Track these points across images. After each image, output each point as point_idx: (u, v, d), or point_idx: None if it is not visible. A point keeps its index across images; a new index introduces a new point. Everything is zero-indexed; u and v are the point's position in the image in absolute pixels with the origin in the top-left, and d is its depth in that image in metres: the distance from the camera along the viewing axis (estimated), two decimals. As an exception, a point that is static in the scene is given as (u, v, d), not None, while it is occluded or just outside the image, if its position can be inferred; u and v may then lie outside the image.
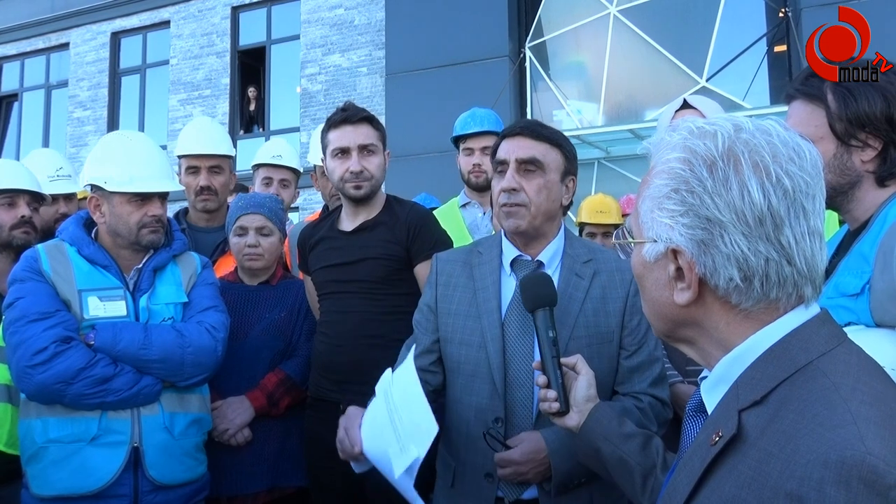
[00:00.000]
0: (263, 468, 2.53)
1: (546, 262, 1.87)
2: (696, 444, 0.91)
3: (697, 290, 0.88)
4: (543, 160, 1.81)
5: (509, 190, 1.80)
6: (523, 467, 1.70)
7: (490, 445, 1.74)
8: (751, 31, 9.74)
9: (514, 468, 1.70)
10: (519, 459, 1.70)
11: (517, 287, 1.84)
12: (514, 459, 1.70)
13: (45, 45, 14.81)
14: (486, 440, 1.74)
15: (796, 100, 1.54)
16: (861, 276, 1.41)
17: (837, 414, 0.74)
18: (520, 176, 1.81)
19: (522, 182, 1.80)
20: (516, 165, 1.81)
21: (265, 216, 2.68)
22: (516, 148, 1.82)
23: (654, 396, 1.81)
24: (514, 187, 1.79)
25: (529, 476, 1.71)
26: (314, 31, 12.31)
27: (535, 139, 1.82)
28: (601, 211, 4.29)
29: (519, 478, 1.72)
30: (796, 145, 0.86)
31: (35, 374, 2.05)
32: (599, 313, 1.82)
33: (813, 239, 0.85)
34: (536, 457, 1.69)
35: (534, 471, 1.70)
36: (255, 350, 2.59)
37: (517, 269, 1.88)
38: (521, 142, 1.82)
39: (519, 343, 1.81)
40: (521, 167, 1.81)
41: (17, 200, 2.72)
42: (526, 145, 1.82)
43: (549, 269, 1.86)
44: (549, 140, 1.84)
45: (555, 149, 1.84)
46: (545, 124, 1.90)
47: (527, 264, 1.87)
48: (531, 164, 1.81)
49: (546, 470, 1.70)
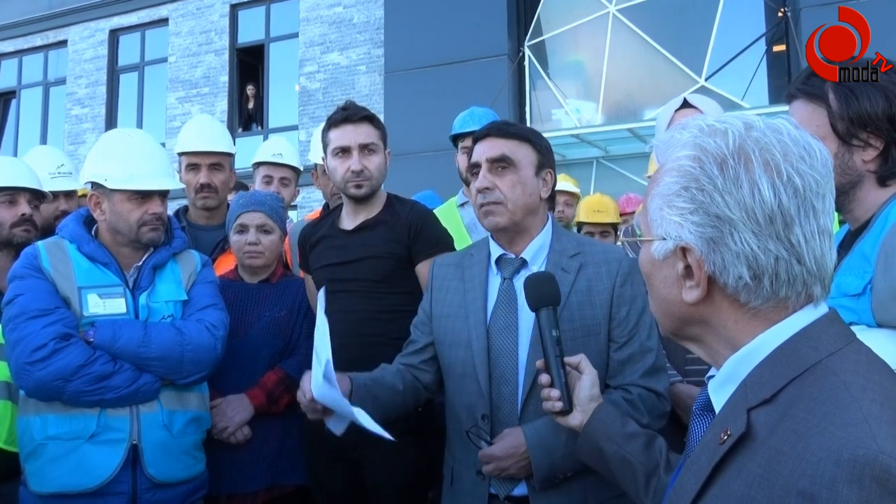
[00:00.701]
0: (263, 466, 2.52)
1: (530, 258, 1.89)
2: (704, 442, 0.91)
3: (706, 288, 0.88)
4: (513, 156, 1.85)
5: (483, 189, 1.84)
6: (504, 462, 1.73)
7: (473, 443, 1.78)
8: (750, 31, 9.76)
9: (496, 464, 1.73)
10: (500, 455, 1.73)
11: (501, 285, 1.88)
12: (495, 455, 1.73)
13: (43, 42, 14.79)
14: (468, 437, 1.78)
15: (797, 99, 1.54)
16: (862, 276, 1.40)
17: (849, 412, 0.74)
18: (493, 175, 1.85)
19: (495, 180, 1.84)
20: (488, 165, 1.86)
21: (266, 214, 2.67)
22: (486, 149, 1.87)
23: (647, 388, 1.80)
24: (487, 186, 1.84)
25: (512, 471, 1.74)
26: (313, 29, 12.30)
27: (503, 137, 1.87)
28: (598, 210, 4.32)
29: (502, 473, 1.74)
30: (807, 144, 0.86)
31: (34, 370, 2.04)
32: (585, 306, 1.82)
33: (822, 238, 0.85)
34: (516, 451, 1.72)
35: (515, 465, 1.73)
36: (254, 348, 2.58)
37: (502, 267, 1.91)
38: (490, 142, 1.88)
39: (504, 340, 1.83)
40: (492, 166, 1.85)
41: (17, 198, 2.71)
42: (495, 145, 1.87)
43: (533, 265, 1.88)
44: (517, 136, 1.88)
45: (524, 144, 1.88)
46: (514, 123, 1.98)
47: (511, 262, 1.90)
48: (502, 162, 1.85)
49: (528, 465, 1.72)
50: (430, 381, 2.01)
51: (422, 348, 2.01)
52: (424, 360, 2.00)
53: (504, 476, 1.76)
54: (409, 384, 1.96)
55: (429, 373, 2.00)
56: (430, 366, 2.00)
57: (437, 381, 2.02)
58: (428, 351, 2.00)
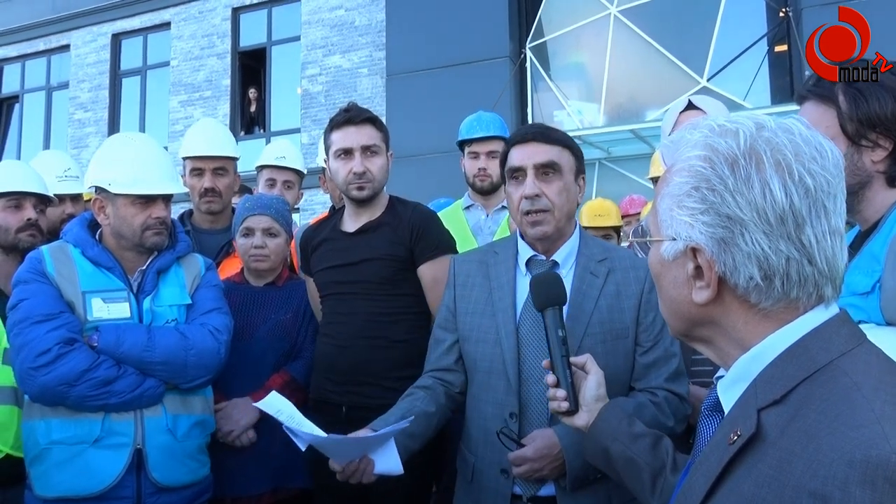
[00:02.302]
0: (268, 469, 2.52)
1: (561, 261, 1.90)
2: (713, 443, 0.91)
3: (717, 288, 0.88)
4: (559, 162, 1.85)
5: (532, 196, 1.83)
6: (537, 464, 1.72)
7: (504, 444, 1.76)
8: (751, 31, 9.76)
9: (529, 465, 1.72)
10: (532, 456, 1.72)
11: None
12: (528, 457, 1.72)
13: (45, 46, 14.81)
14: (499, 439, 1.76)
15: (808, 101, 1.54)
16: (871, 274, 1.41)
17: (861, 413, 0.74)
18: (539, 181, 1.84)
19: (542, 187, 1.83)
20: (535, 171, 1.84)
21: (272, 217, 2.67)
22: (532, 154, 1.85)
23: (671, 391, 1.82)
24: (536, 193, 1.82)
25: (545, 472, 1.73)
26: (315, 32, 12.31)
27: (547, 143, 1.86)
28: (599, 214, 4.39)
29: (535, 475, 1.73)
30: (818, 144, 0.85)
31: (38, 375, 2.04)
32: (614, 310, 1.84)
33: (834, 238, 0.84)
34: (550, 453, 1.71)
35: (548, 467, 1.72)
36: (260, 351, 2.58)
37: (532, 268, 1.91)
38: (535, 147, 1.86)
39: (533, 340, 1.84)
40: (539, 172, 1.84)
41: (23, 203, 2.71)
42: (541, 150, 1.85)
43: (563, 268, 1.89)
44: (560, 142, 1.88)
45: (566, 150, 1.89)
46: (551, 127, 1.95)
47: (542, 263, 1.91)
48: (549, 168, 1.84)
49: (561, 466, 1.72)
50: (460, 383, 2.00)
51: (450, 347, 2.00)
52: (455, 360, 1.99)
53: (535, 478, 1.75)
54: (441, 401, 1.95)
55: (460, 374, 1.99)
56: (460, 366, 2.00)
57: (466, 381, 2.01)
58: (456, 350, 1.99)
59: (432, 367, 2.03)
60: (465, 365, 1.98)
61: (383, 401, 2.04)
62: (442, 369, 2.00)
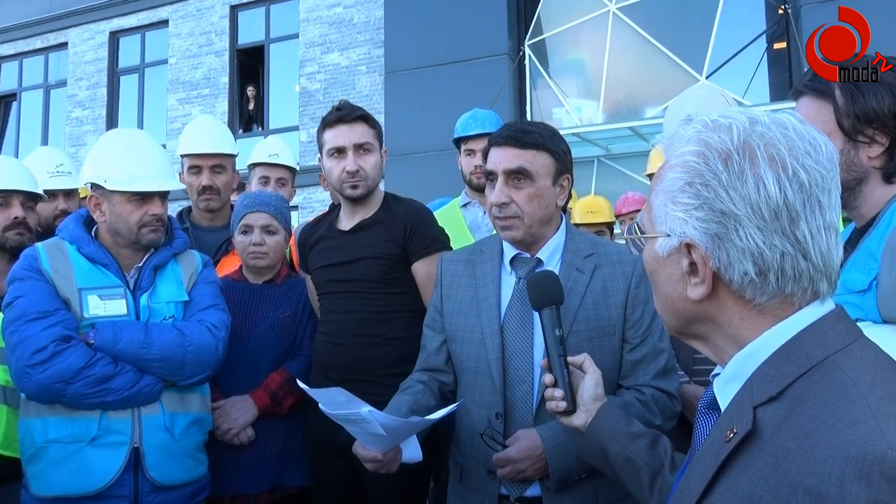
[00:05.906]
0: (266, 468, 2.52)
1: (545, 258, 1.88)
2: (710, 440, 0.90)
3: (711, 284, 0.87)
4: (531, 168, 1.79)
5: (500, 204, 1.80)
6: (521, 465, 1.71)
7: (488, 445, 1.76)
8: (750, 28, 9.76)
9: (512, 466, 1.71)
10: (516, 457, 1.71)
11: (517, 284, 1.86)
12: (511, 458, 1.71)
13: (43, 44, 14.80)
14: (483, 440, 1.76)
15: (804, 96, 1.54)
16: (868, 272, 1.40)
17: (857, 409, 0.73)
18: (509, 187, 1.80)
19: (512, 193, 1.80)
20: (504, 177, 1.80)
21: (271, 214, 2.67)
22: (503, 159, 1.81)
23: (659, 388, 1.80)
24: (503, 201, 1.79)
25: (528, 473, 1.72)
26: (313, 29, 12.30)
27: (520, 147, 1.80)
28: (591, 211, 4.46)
29: (518, 475, 1.72)
30: (812, 139, 0.85)
31: (34, 373, 2.03)
32: (600, 307, 1.81)
33: (828, 233, 0.84)
34: (533, 453, 1.71)
35: (532, 467, 1.71)
36: (258, 349, 2.58)
37: (517, 266, 1.90)
38: (506, 152, 1.81)
39: (518, 340, 1.82)
40: (509, 178, 1.80)
41: (10, 200, 2.67)
42: (511, 156, 1.80)
43: (548, 265, 1.87)
44: (534, 146, 1.80)
45: (542, 153, 1.81)
46: (531, 128, 1.85)
47: (526, 261, 1.89)
48: (520, 174, 1.79)
49: (544, 466, 1.71)
50: (453, 381, 1.99)
51: (439, 348, 1.99)
52: (445, 360, 1.98)
53: (519, 478, 1.74)
54: (437, 397, 1.94)
55: (450, 374, 1.98)
56: (450, 367, 1.98)
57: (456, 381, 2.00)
58: (445, 350, 1.98)
59: (423, 366, 2.02)
60: (453, 365, 1.97)
61: (378, 397, 2.03)
62: (432, 369, 2.00)
